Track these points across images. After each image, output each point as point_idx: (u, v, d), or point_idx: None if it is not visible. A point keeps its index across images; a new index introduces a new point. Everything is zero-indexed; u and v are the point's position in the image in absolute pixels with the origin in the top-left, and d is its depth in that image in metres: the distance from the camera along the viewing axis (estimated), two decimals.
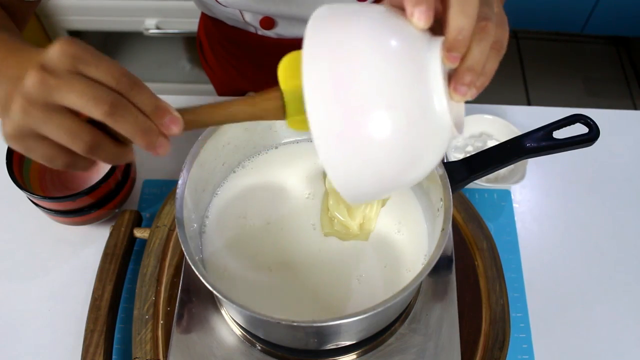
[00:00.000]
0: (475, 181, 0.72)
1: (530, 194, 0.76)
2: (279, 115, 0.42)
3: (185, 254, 0.47)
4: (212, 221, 0.58)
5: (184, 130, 0.40)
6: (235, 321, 0.56)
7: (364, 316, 0.44)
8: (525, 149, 0.56)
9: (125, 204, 0.72)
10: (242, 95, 1.01)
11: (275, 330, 0.52)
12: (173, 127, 0.39)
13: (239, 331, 0.56)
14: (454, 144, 0.76)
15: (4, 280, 0.68)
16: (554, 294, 0.68)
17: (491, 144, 0.76)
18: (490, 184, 0.74)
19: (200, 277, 0.45)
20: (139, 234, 0.67)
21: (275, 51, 0.84)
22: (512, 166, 0.75)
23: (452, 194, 0.51)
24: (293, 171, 0.61)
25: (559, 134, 0.56)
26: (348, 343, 0.54)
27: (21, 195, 0.68)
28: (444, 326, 0.56)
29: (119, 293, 0.64)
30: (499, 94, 1.78)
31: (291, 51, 0.39)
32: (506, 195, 0.75)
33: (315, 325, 0.45)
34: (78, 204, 0.65)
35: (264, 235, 0.57)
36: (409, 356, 0.54)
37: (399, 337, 0.56)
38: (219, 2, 0.73)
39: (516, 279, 0.68)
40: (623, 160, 0.79)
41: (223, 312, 0.57)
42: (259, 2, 0.72)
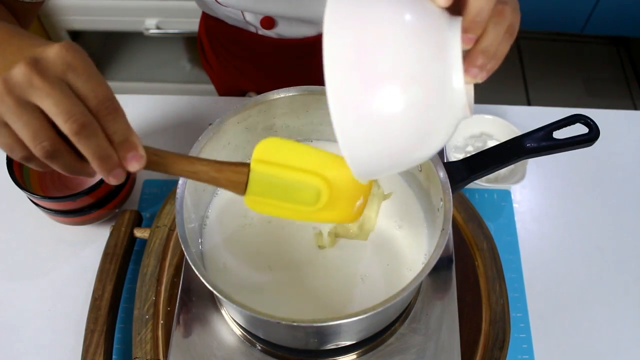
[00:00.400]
0: (475, 181, 0.72)
1: (530, 194, 0.76)
2: (239, 189, 0.44)
3: (185, 253, 0.47)
4: (212, 221, 0.58)
5: (144, 169, 0.41)
6: (235, 321, 0.56)
7: (364, 316, 0.44)
8: (525, 149, 0.56)
9: (126, 204, 0.72)
10: (243, 95, 1.01)
11: (276, 330, 0.52)
12: (134, 163, 0.39)
13: (239, 331, 0.56)
14: (453, 143, 0.77)
15: (4, 280, 0.68)
16: (554, 294, 0.68)
17: (491, 144, 0.76)
18: (490, 184, 0.74)
19: (200, 277, 0.45)
20: (139, 234, 0.67)
21: (275, 51, 0.84)
22: (512, 166, 0.75)
23: (452, 194, 0.51)
24: None
25: (559, 134, 0.56)
26: (348, 343, 0.54)
27: (21, 195, 0.68)
28: (444, 326, 0.56)
29: (119, 293, 0.64)
30: (499, 94, 1.78)
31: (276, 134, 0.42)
32: (506, 196, 0.75)
33: (316, 325, 0.46)
34: (78, 204, 0.65)
35: (264, 235, 0.57)
36: (409, 356, 0.54)
37: (399, 337, 0.56)
38: (219, 2, 0.73)
39: (516, 279, 0.68)
40: (623, 160, 0.79)
41: (223, 312, 0.57)
42: (259, 1, 0.72)
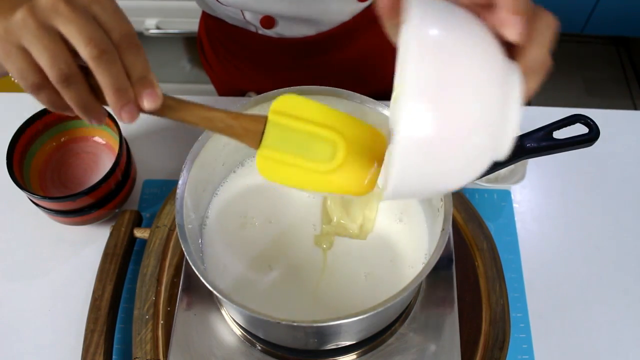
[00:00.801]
0: (475, 181, 0.72)
1: (530, 194, 0.76)
2: (254, 140, 0.43)
3: (185, 254, 0.47)
4: (212, 221, 0.58)
5: (157, 113, 0.40)
6: (235, 321, 0.56)
7: (364, 316, 0.44)
8: (525, 149, 0.56)
9: (126, 204, 0.72)
10: (243, 95, 1.01)
11: (275, 330, 0.52)
12: (148, 101, 0.39)
13: (239, 331, 0.56)
14: None
15: (4, 280, 0.68)
16: (554, 294, 0.68)
17: None
18: (490, 184, 0.74)
19: (200, 277, 0.45)
20: (139, 234, 0.67)
21: (275, 50, 0.84)
22: (512, 166, 0.75)
23: (452, 194, 0.51)
24: None
25: (559, 134, 0.56)
26: (348, 343, 0.54)
27: (21, 195, 0.68)
28: (444, 326, 0.56)
29: (119, 293, 0.64)
30: None
31: (289, 94, 0.41)
32: (506, 196, 0.75)
33: (315, 325, 0.45)
34: (78, 204, 0.65)
35: (264, 235, 0.57)
36: (409, 356, 0.54)
37: (399, 337, 0.56)
38: (219, 1, 0.73)
39: (516, 279, 0.68)
40: (623, 160, 0.79)
41: (223, 312, 0.57)
42: (260, 0, 0.72)
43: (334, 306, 0.53)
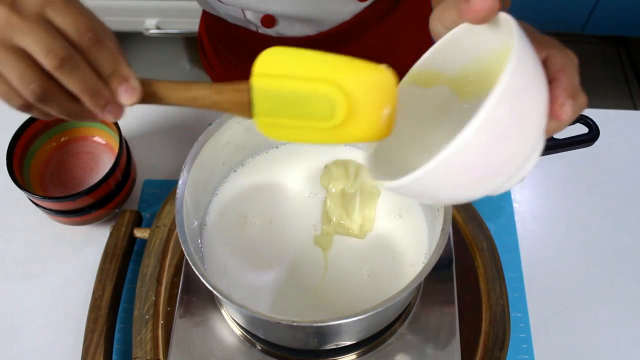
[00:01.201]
0: None
1: (530, 194, 0.76)
2: (244, 111, 0.40)
3: (185, 254, 0.47)
4: (212, 221, 0.58)
5: (141, 102, 0.38)
6: (235, 321, 0.56)
7: (364, 316, 0.44)
8: None
9: (126, 204, 0.72)
10: None
11: (276, 330, 0.52)
12: (126, 96, 0.37)
13: (239, 331, 0.56)
14: None
15: (4, 280, 0.68)
16: (554, 294, 0.68)
17: None
18: None
19: (200, 277, 0.45)
20: (139, 234, 0.67)
21: None
22: None
23: None
24: (294, 170, 0.61)
25: (559, 134, 0.56)
26: (348, 343, 0.54)
27: (21, 195, 0.68)
28: (443, 326, 0.56)
29: (119, 293, 0.64)
30: None
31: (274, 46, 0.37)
32: (506, 195, 0.75)
33: (315, 325, 0.46)
34: (78, 204, 0.65)
35: (264, 235, 0.57)
36: (409, 356, 0.54)
37: (399, 337, 0.56)
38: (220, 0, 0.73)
39: (516, 279, 0.68)
40: (623, 160, 0.79)
41: (223, 312, 0.57)
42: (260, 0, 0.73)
43: (336, 305, 0.53)
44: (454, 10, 0.39)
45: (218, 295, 0.45)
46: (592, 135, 0.55)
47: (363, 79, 0.39)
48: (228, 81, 0.40)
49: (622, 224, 0.73)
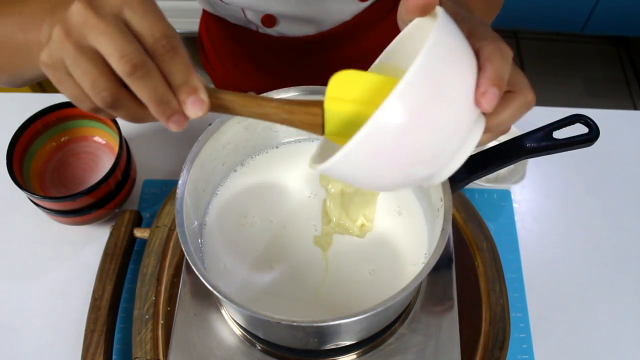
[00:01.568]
0: (475, 181, 0.72)
1: (530, 194, 0.76)
2: (315, 130, 0.41)
3: (185, 253, 0.47)
4: (212, 221, 0.58)
5: (208, 112, 0.38)
6: (235, 321, 0.56)
7: (364, 316, 0.44)
8: (525, 149, 0.56)
9: (126, 204, 0.72)
10: None
11: (276, 330, 0.52)
12: (194, 109, 0.37)
13: (239, 331, 0.56)
14: None
15: (4, 280, 0.68)
16: (554, 294, 0.68)
17: (491, 144, 0.76)
18: (490, 184, 0.74)
19: (200, 277, 0.45)
20: (139, 233, 0.67)
21: (276, 49, 0.84)
22: (512, 166, 0.75)
23: (452, 194, 0.51)
24: (294, 171, 0.61)
25: (559, 134, 0.56)
26: (348, 343, 0.54)
27: (21, 195, 0.68)
28: (443, 326, 0.56)
29: (119, 293, 0.64)
30: None
31: (341, 70, 0.40)
32: (506, 196, 0.75)
33: (315, 325, 0.46)
34: (78, 204, 0.65)
35: (265, 235, 0.57)
36: (409, 356, 0.54)
37: (399, 337, 0.56)
38: None
39: (516, 279, 0.68)
40: (623, 160, 0.79)
41: (223, 312, 0.57)
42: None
43: (338, 305, 0.53)
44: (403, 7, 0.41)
45: (218, 295, 0.45)
46: (592, 135, 0.55)
47: None
48: (229, 80, 0.41)
49: (622, 224, 0.73)
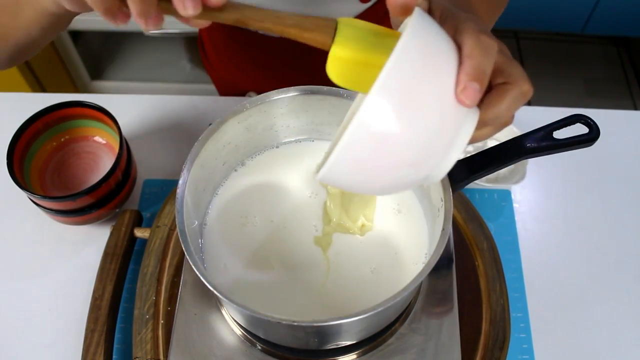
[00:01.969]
0: (476, 181, 0.72)
1: (530, 194, 0.76)
2: (328, 32, 0.41)
3: (185, 253, 0.48)
4: (212, 220, 0.58)
5: (220, 17, 0.39)
6: (236, 321, 0.56)
7: (364, 316, 0.44)
8: (525, 149, 0.56)
9: (126, 203, 0.72)
10: (243, 95, 1.01)
11: (276, 330, 0.52)
12: None
13: (239, 331, 0.56)
14: None
15: (4, 280, 0.68)
16: (554, 294, 0.68)
17: (491, 144, 0.76)
18: (491, 184, 0.74)
19: (201, 277, 0.45)
20: (140, 233, 0.67)
21: (276, 50, 0.84)
22: (512, 166, 0.75)
23: (452, 194, 0.51)
24: (294, 170, 0.61)
25: (559, 134, 0.56)
26: (348, 343, 0.54)
27: (21, 195, 0.68)
28: (444, 326, 0.56)
29: (119, 293, 0.64)
30: None
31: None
32: (506, 196, 0.75)
33: (316, 325, 0.46)
34: (78, 203, 0.65)
35: (265, 234, 0.57)
36: (409, 356, 0.54)
37: (399, 337, 0.56)
38: None
39: (516, 279, 0.68)
40: (623, 160, 0.79)
41: (223, 312, 0.57)
42: (261, 0, 0.72)
43: (340, 304, 0.53)
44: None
45: (218, 295, 0.45)
46: (592, 135, 0.55)
47: None
48: (229, 80, 0.41)
49: (622, 224, 0.73)
